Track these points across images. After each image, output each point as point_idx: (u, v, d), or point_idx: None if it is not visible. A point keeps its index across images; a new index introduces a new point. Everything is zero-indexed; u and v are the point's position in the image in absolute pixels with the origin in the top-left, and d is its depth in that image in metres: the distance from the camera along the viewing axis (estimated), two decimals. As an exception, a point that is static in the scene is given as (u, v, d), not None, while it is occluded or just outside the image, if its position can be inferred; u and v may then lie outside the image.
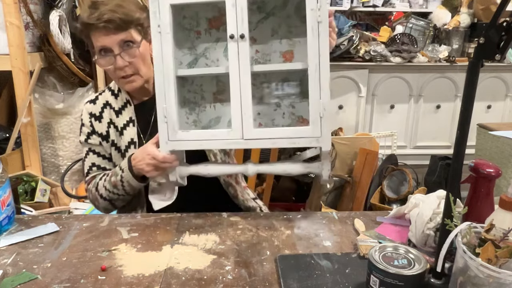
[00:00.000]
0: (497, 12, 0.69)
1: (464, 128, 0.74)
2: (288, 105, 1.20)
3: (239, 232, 1.08)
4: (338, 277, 0.87)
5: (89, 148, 1.33)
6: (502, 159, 2.17)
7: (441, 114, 3.55)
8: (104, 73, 2.81)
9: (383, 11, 3.89)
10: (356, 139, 2.74)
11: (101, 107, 1.33)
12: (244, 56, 1.03)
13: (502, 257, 0.67)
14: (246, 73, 1.03)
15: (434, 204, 0.96)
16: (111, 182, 1.23)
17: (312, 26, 1.01)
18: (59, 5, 2.71)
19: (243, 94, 1.04)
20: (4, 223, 1.07)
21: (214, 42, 1.18)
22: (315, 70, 1.02)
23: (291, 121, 1.20)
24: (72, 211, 2.44)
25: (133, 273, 0.89)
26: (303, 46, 1.10)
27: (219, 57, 1.18)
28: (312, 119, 1.04)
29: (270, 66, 1.15)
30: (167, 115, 1.07)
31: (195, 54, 1.19)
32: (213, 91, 1.20)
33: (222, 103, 1.20)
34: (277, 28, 1.16)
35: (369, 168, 2.53)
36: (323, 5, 1.00)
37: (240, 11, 1.01)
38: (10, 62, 2.35)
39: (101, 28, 1.17)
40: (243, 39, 1.02)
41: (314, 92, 1.02)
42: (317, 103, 1.03)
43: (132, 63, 1.22)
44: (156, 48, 1.05)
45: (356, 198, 2.55)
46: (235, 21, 1.01)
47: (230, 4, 1.01)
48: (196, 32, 1.18)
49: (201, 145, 1.10)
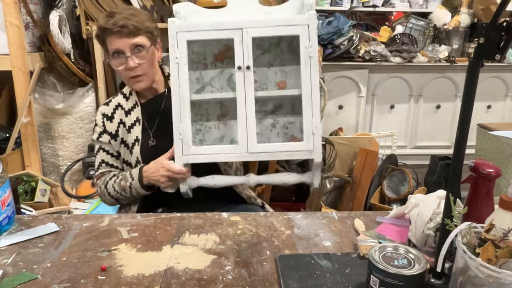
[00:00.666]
0: (497, 12, 0.69)
1: (464, 128, 0.74)
2: (282, 125, 1.39)
3: (239, 232, 1.08)
4: (338, 277, 0.87)
5: (100, 146, 1.46)
6: (502, 159, 2.17)
7: (441, 114, 3.55)
8: (104, 73, 2.81)
9: (383, 11, 3.89)
10: (356, 139, 2.74)
11: (113, 108, 1.46)
12: (249, 83, 1.22)
13: (502, 257, 0.67)
14: (251, 97, 1.22)
15: (434, 204, 0.96)
16: (121, 185, 1.36)
17: (305, 60, 1.21)
18: (59, 5, 2.71)
19: (248, 114, 1.22)
20: (4, 223, 1.07)
21: (219, 73, 1.36)
22: (308, 96, 1.21)
23: (284, 139, 1.39)
24: (72, 211, 2.44)
25: (133, 273, 0.89)
26: (294, 76, 1.33)
27: (223, 86, 1.36)
28: (306, 135, 1.22)
29: (270, 92, 1.35)
30: (182, 133, 1.22)
31: (202, 82, 1.37)
32: (218, 114, 1.37)
33: (225, 124, 1.38)
34: (273, 62, 1.36)
35: (369, 168, 2.54)
36: (314, 43, 1.20)
37: (246, 47, 1.21)
38: (10, 62, 2.35)
39: (116, 32, 1.31)
40: (248, 70, 1.21)
41: (307, 113, 1.21)
42: (310, 123, 1.21)
43: (141, 65, 1.36)
44: (174, 76, 1.22)
45: (356, 198, 2.55)
46: (242, 55, 1.21)
47: (237, 41, 1.21)
48: (203, 64, 1.36)
49: (211, 159, 1.24)
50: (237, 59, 1.21)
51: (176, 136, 1.23)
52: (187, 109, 1.23)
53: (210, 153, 1.24)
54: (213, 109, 1.37)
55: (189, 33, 1.22)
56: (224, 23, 1.22)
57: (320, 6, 3.87)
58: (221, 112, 1.37)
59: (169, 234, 1.07)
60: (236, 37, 1.21)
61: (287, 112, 1.39)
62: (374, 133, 3.11)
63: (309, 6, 1.23)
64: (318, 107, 1.22)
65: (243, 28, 1.21)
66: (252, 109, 1.22)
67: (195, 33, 1.23)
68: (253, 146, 1.22)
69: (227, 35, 1.22)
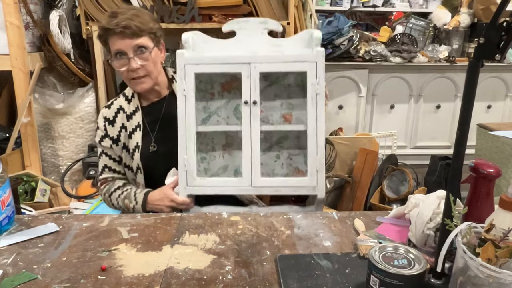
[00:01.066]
0: (497, 12, 0.69)
1: (464, 128, 0.74)
2: (286, 157, 1.41)
3: (239, 232, 1.08)
4: (338, 277, 0.87)
5: (102, 150, 1.45)
6: (502, 159, 2.17)
7: (441, 114, 3.55)
8: (104, 73, 2.81)
9: (383, 11, 3.89)
10: (356, 139, 2.74)
11: (115, 112, 1.43)
12: (255, 117, 1.24)
13: (502, 257, 0.67)
14: (256, 131, 1.24)
15: (434, 204, 0.96)
16: (124, 203, 1.38)
17: (311, 96, 1.23)
18: (59, 5, 2.71)
19: (253, 148, 1.24)
20: (4, 223, 1.07)
21: (225, 103, 1.38)
22: (313, 132, 1.24)
23: (288, 171, 1.40)
24: (72, 211, 2.44)
25: (133, 273, 0.89)
26: (301, 109, 1.34)
27: (229, 115, 1.38)
28: (310, 171, 1.25)
29: (276, 127, 1.36)
30: (187, 165, 1.25)
31: (208, 112, 1.38)
32: (223, 144, 1.39)
33: (230, 154, 1.39)
34: (279, 94, 1.37)
35: (369, 168, 2.54)
36: (321, 80, 1.22)
37: (254, 82, 1.23)
38: (10, 62, 2.35)
39: (118, 33, 1.29)
40: (255, 105, 1.23)
41: (312, 149, 1.24)
42: (314, 159, 1.24)
43: (144, 66, 1.33)
44: (181, 108, 1.24)
45: (356, 198, 2.55)
46: (249, 89, 1.23)
47: (245, 76, 1.22)
48: (210, 94, 1.38)
49: (215, 191, 1.27)
50: (244, 93, 1.23)
51: (181, 167, 1.24)
52: (192, 141, 1.24)
53: (214, 185, 1.26)
54: (218, 139, 1.38)
55: (197, 65, 1.23)
56: (232, 57, 1.24)
57: (320, 6, 3.88)
58: (226, 141, 1.38)
59: (169, 234, 1.07)
60: (244, 72, 1.23)
61: (291, 144, 1.40)
62: (374, 133, 3.11)
63: (318, 40, 1.24)
64: (323, 143, 1.25)
65: (251, 63, 1.22)
66: (257, 143, 1.24)
67: (203, 66, 1.24)
68: (257, 180, 1.25)
69: (235, 69, 1.24)
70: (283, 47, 1.30)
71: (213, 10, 2.70)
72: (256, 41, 1.29)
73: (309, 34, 1.27)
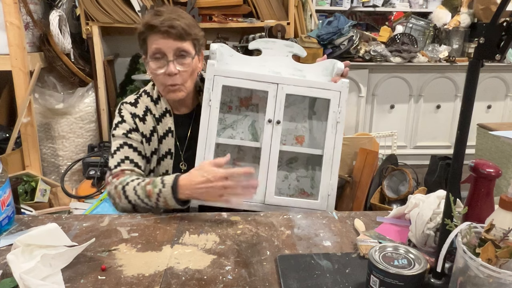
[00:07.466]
0: (497, 12, 0.69)
1: (464, 128, 0.74)
2: (294, 178, 1.43)
3: (239, 232, 1.08)
4: (338, 277, 0.87)
5: (125, 142, 1.29)
6: (502, 159, 2.17)
7: (441, 114, 3.55)
8: (104, 73, 2.81)
9: (383, 11, 3.90)
10: (356, 139, 2.74)
11: (143, 111, 1.33)
12: (276, 136, 1.25)
13: (502, 257, 0.67)
14: (275, 150, 1.25)
15: (434, 204, 0.96)
16: (146, 190, 1.17)
17: (332, 124, 1.25)
18: (59, 5, 2.72)
19: (270, 167, 1.25)
20: (4, 223, 1.07)
21: (242, 118, 1.41)
22: (330, 158, 1.26)
23: (294, 192, 1.41)
24: (72, 211, 2.44)
25: (133, 273, 0.89)
26: (313, 133, 1.39)
27: (244, 131, 1.41)
28: (322, 195, 1.27)
29: (294, 148, 1.38)
30: None
31: (224, 124, 1.40)
32: (234, 158, 1.39)
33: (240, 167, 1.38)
34: (295, 116, 1.41)
35: (369, 168, 2.53)
36: (343, 110, 1.26)
37: (279, 102, 1.25)
38: (10, 62, 2.35)
39: (163, 31, 1.20)
40: (278, 124, 1.25)
41: (326, 175, 1.26)
42: (327, 184, 1.26)
43: (182, 73, 1.25)
44: (204, 118, 1.24)
45: (356, 198, 2.55)
46: (274, 109, 1.25)
47: (271, 95, 1.24)
48: (228, 107, 1.40)
49: (227, 204, 1.23)
50: (268, 112, 1.25)
51: None
52: (212, 152, 1.25)
53: None
54: (230, 152, 1.36)
55: (226, 78, 1.24)
56: (260, 75, 1.25)
57: (320, 6, 3.88)
58: (238, 155, 1.39)
59: (169, 234, 1.07)
60: (271, 91, 1.24)
61: (300, 166, 1.42)
62: (374, 133, 3.11)
63: (340, 71, 1.29)
64: (337, 169, 1.26)
65: (279, 83, 1.24)
66: (275, 161, 1.25)
67: (232, 79, 1.25)
68: (270, 198, 1.25)
69: (263, 87, 1.25)
70: (304, 72, 1.34)
71: (213, 10, 2.70)
72: (280, 62, 1.32)
73: (332, 64, 1.31)
